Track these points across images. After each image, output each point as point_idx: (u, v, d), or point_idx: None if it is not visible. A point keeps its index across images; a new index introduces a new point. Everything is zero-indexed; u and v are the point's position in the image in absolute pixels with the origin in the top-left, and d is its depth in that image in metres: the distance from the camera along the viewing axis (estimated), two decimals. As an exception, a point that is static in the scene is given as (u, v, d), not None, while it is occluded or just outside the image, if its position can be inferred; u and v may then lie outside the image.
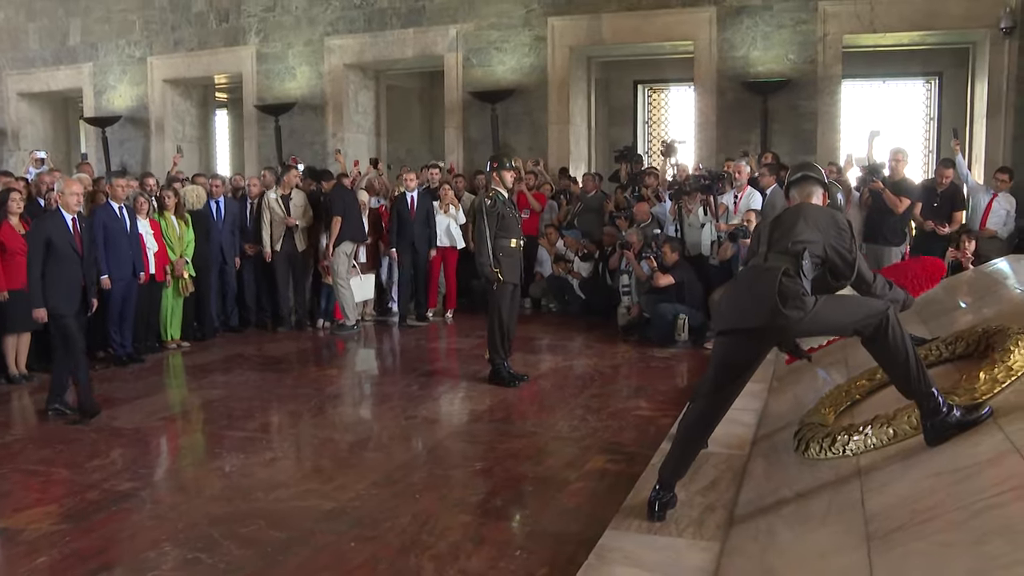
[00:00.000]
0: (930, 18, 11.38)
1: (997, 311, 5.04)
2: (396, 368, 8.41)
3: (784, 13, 11.91)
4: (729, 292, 3.85)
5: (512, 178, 7.31)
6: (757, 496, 3.84)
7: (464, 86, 13.47)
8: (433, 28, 13.59)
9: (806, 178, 4.18)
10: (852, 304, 3.59)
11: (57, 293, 6.12)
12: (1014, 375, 3.73)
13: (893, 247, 8.65)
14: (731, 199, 8.95)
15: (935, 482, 3.12)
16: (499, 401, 6.58)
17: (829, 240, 3.66)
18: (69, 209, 6.29)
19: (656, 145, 14.75)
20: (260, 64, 14.68)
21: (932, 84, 13.78)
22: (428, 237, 9.94)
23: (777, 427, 4.77)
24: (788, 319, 3.44)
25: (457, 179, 11.49)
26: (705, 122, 12.31)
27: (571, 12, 12.82)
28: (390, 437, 5.75)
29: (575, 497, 4.52)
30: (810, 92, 11.86)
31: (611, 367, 7.83)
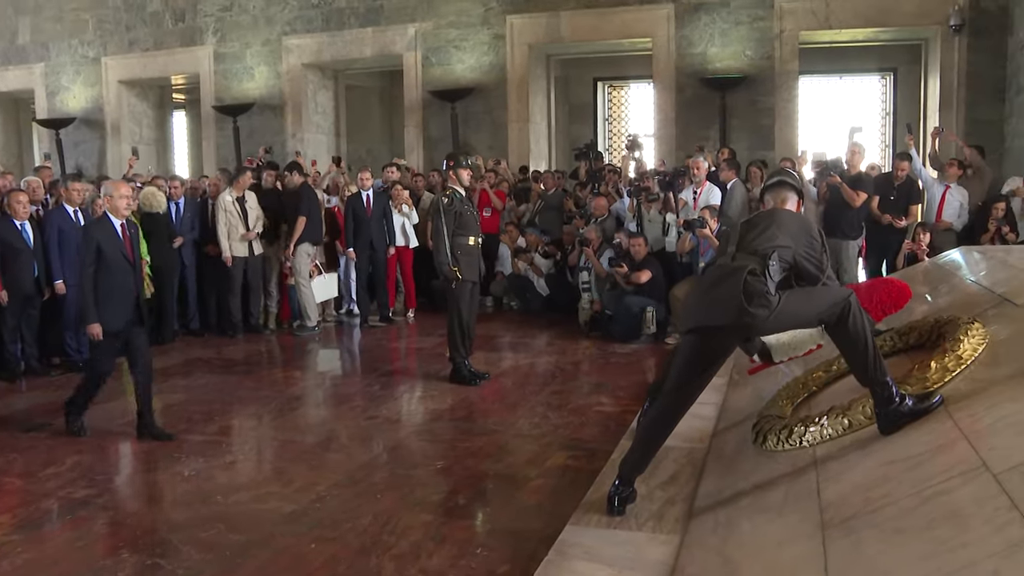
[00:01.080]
0: (883, 15, 11.57)
1: (950, 302, 5.13)
2: (357, 368, 8.38)
3: (741, 10, 12.04)
4: (694, 290, 3.88)
5: (469, 176, 7.31)
6: (716, 489, 3.87)
7: (423, 85, 13.48)
8: (392, 27, 13.57)
9: (782, 184, 4.21)
10: (816, 295, 3.63)
11: (108, 306, 5.55)
12: (963, 364, 3.80)
13: (851, 241, 8.76)
14: (690, 194, 9.01)
15: (888, 470, 3.18)
16: (460, 400, 6.57)
17: (800, 248, 3.68)
18: (118, 214, 5.68)
19: (617, 142, 14.84)
20: (218, 64, 14.57)
21: (887, 80, 14.02)
22: (385, 236, 9.89)
23: (736, 420, 4.82)
24: (754, 317, 3.48)
25: (416, 178, 11.47)
26: (664, 118, 12.42)
27: (530, 10, 12.87)
28: (351, 437, 5.72)
29: (536, 494, 4.53)
30: (768, 88, 12.01)
31: (572, 364, 7.86)
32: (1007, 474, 2.63)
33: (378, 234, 9.80)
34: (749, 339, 4.12)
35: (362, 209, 9.71)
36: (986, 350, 3.88)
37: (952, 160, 9.63)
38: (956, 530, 2.50)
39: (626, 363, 7.81)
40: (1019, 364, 3.51)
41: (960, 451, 3.00)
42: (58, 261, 7.68)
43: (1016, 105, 10.89)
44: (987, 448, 2.90)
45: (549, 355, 8.19)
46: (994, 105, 11.24)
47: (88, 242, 5.58)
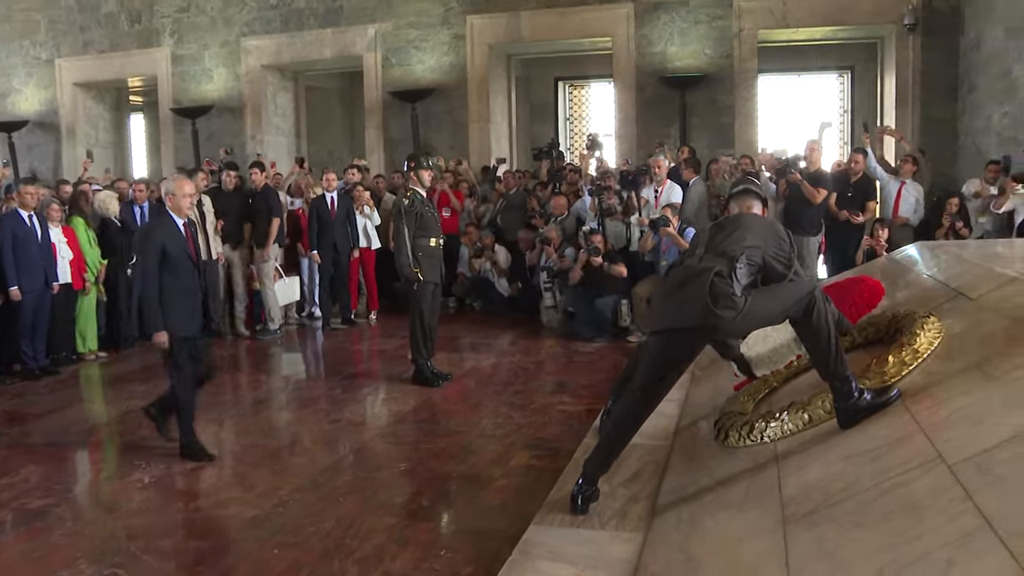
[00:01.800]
0: (840, 13, 11.71)
1: (907, 296, 5.19)
2: (320, 371, 8.33)
3: (700, 9, 12.12)
4: (661, 292, 3.89)
5: (430, 177, 7.29)
6: (679, 485, 3.89)
7: (384, 86, 13.43)
8: (351, 28, 13.50)
9: (747, 191, 4.29)
10: (781, 294, 3.65)
11: (175, 310, 5.24)
12: (920, 357, 3.86)
13: (811, 237, 8.82)
14: (651, 193, 9.06)
15: (847, 464, 3.22)
16: (423, 401, 6.56)
17: (769, 248, 3.70)
18: (181, 213, 5.40)
19: (578, 141, 14.87)
20: (175, 66, 14.40)
21: (845, 78, 14.20)
22: (349, 238, 9.85)
23: (698, 417, 4.85)
24: (720, 319, 3.49)
25: (377, 179, 11.43)
26: (625, 117, 12.47)
27: (490, 10, 12.86)
28: (314, 441, 5.69)
29: (500, 494, 4.54)
30: (727, 86, 12.10)
31: (535, 363, 7.88)
32: (961, 465, 2.67)
33: (341, 236, 9.76)
34: (727, 345, 4.21)
35: (326, 211, 9.67)
36: (941, 344, 3.94)
37: (907, 156, 9.77)
38: (913, 521, 2.53)
39: (589, 362, 7.83)
40: (973, 357, 3.56)
41: (917, 444, 3.04)
42: (12, 267, 7.54)
43: (968, 103, 11.07)
44: (943, 440, 2.94)
45: (512, 355, 8.20)
46: (948, 103, 11.42)
47: (151, 243, 5.20)
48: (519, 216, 10.70)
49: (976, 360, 3.51)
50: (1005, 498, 2.38)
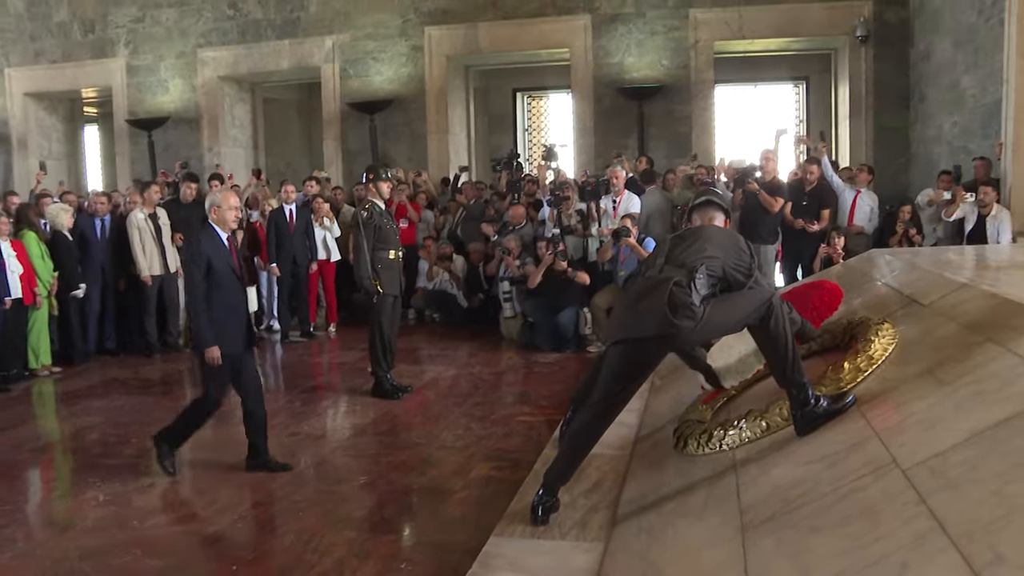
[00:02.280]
0: (794, 25, 11.90)
1: (862, 303, 5.27)
2: (279, 385, 8.23)
3: (657, 20, 12.24)
4: (621, 302, 3.91)
5: (388, 189, 7.27)
6: (639, 495, 3.90)
7: (342, 97, 13.41)
8: (309, 39, 13.46)
9: (709, 203, 4.35)
10: (740, 302, 3.68)
11: (221, 328, 5.06)
12: (875, 363, 3.92)
13: (768, 245, 8.93)
14: (609, 203, 9.10)
15: (805, 470, 3.25)
16: (383, 413, 6.53)
17: (728, 260, 3.72)
18: (225, 226, 5.21)
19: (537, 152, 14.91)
20: (130, 77, 14.25)
21: (800, 88, 14.41)
22: (308, 251, 9.80)
23: (658, 426, 4.87)
24: (679, 328, 3.50)
25: (336, 191, 11.37)
26: (583, 128, 12.55)
27: (448, 21, 12.88)
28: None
29: (460, 506, 4.53)
30: (684, 97, 12.22)
31: (495, 374, 7.88)
32: (915, 469, 2.71)
33: (300, 249, 9.70)
34: (694, 357, 4.24)
35: (285, 223, 9.61)
36: (896, 350, 4.00)
37: (863, 166, 9.95)
38: (869, 525, 2.57)
39: (548, 373, 7.85)
40: (926, 363, 3.62)
41: (872, 449, 3.08)
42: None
43: (920, 112, 11.30)
44: (897, 445, 2.98)
45: (472, 366, 8.19)
46: (900, 113, 11.65)
47: (198, 257, 5.05)
48: (479, 227, 10.71)
49: (929, 365, 3.57)
50: (956, 500, 2.42)
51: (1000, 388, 2.97)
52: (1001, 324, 3.53)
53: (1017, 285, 4.56)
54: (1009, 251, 7.20)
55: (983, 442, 2.65)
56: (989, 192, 7.91)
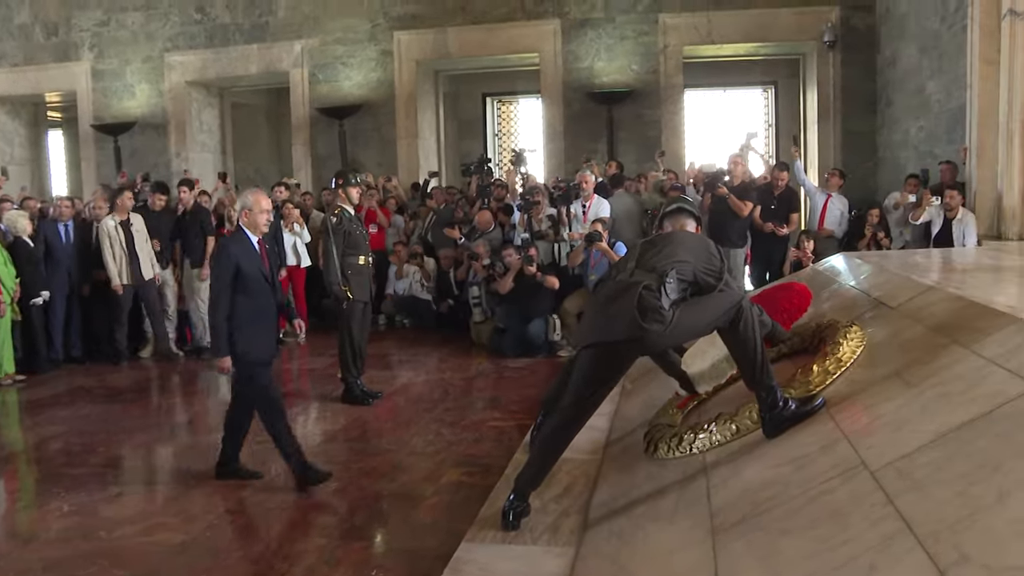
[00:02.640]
0: (763, 30, 12.01)
1: (831, 306, 5.32)
2: (248, 392, 8.18)
3: (626, 25, 12.31)
4: (591, 306, 3.92)
5: (358, 194, 7.25)
6: (610, 499, 3.91)
7: (311, 102, 13.36)
8: (277, 44, 13.40)
9: (680, 210, 4.44)
10: (710, 305, 3.69)
11: (250, 335, 4.90)
12: (843, 366, 3.95)
13: (738, 249, 9.00)
14: (579, 208, 9.13)
15: (774, 473, 3.27)
16: (353, 420, 6.51)
17: (699, 264, 3.74)
18: (256, 230, 5.08)
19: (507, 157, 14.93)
20: (96, 81, 14.10)
21: (769, 92, 14.51)
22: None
23: (628, 430, 4.88)
24: (648, 332, 3.52)
25: (305, 196, 11.33)
26: (553, 132, 12.59)
27: (417, 26, 12.88)
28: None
29: (431, 512, 4.53)
30: (654, 101, 12.30)
31: (465, 380, 7.88)
32: (883, 471, 2.74)
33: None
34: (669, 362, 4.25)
35: (256, 229, 9.54)
36: (864, 352, 4.04)
37: (834, 170, 10.06)
38: (838, 528, 2.59)
39: (519, 377, 7.85)
40: (893, 365, 3.66)
41: (841, 451, 3.11)
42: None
43: (886, 117, 11.44)
44: (865, 447, 3.01)
45: (442, 372, 8.18)
46: (867, 117, 11.79)
47: (226, 260, 4.92)
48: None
49: (897, 368, 3.60)
50: (923, 501, 2.45)
51: (965, 390, 3.01)
52: (966, 326, 3.58)
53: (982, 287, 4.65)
54: (974, 254, 7.29)
55: (948, 443, 2.69)
56: (955, 196, 8.02)
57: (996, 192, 7.98)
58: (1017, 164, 7.72)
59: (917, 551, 2.22)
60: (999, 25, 7.75)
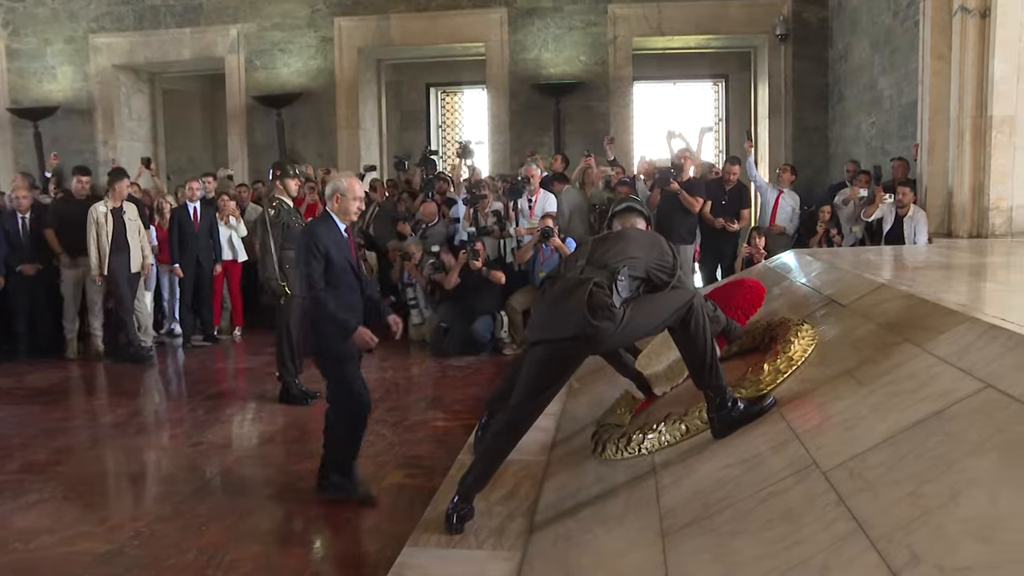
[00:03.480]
0: (714, 22, 12.14)
1: (782, 303, 5.39)
2: (180, 392, 8.06)
3: (575, 15, 12.34)
4: (540, 303, 3.91)
5: (297, 186, 7.19)
6: (557, 501, 3.92)
7: (247, 90, 13.21)
8: (212, 28, 13.21)
9: (630, 209, 4.49)
10: (661, 304, 3.72)
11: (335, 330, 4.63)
12: (794, 365, 4.00)
13: (687, 245, 9.04)
14: (525, 202, 9.14)
15: (725, 474, 3.30)
16: (291, 420, 6.45)
17: (651, 261, 3.79)
18: (347, 217, 4.80)
19: (451, 149, 14.90)
20: (11, 62, 13.73)
21: (719, 86, 14.65)
22: (212, 250, 9.61)
23: (575, 430, 4.90)
24: (598, 330, 3.53)
25: (241, 188, 11.18)
26: (499, 124, 12.59)
27: (358, 12, 12.79)
28: (174, 467, 5.51)
29: (372, 516, 4.50)
30: (602, 94, 12.35)
31: (406, 379, 7.89)
32: (835, 471, 2.78)
33: (204, 248, 9.52)
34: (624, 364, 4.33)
35: (188, 222, 9.43)
36: (815, 350, 4.09)
37: (786, 165, 10.19)
38: (790, 528, 2.62)
39: (462, 376, 7.85)
40: (845, 363, 3.71)
41: (792, 451, 3.15)
42: None
43: (838, 112, 11.63)
44: (817, 447, 3.05)
45: (383, 371, 8.14)
46: (819, 112, 11.99)
47: (316, 245, 4.60)
48: (392, 225, 10.64)
49: (848, 366, 3.66)
50: (875, 501, 2.49)
51: (916, 388, 3.06)
52: (918, 324, 3.64)
53: (933, 285, 4.73)
54: (925, 251, 7.45)
55: (900, 443, 2.73)
56: (907, 193, 8.19)
57: (947, 189, 8.19)
58: (968, 161, 7.93)
59: (870, 552, 2.26)
60: (951, 21, 7.93)
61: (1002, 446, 2.39)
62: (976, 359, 3.00)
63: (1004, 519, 2.11)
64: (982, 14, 7.73)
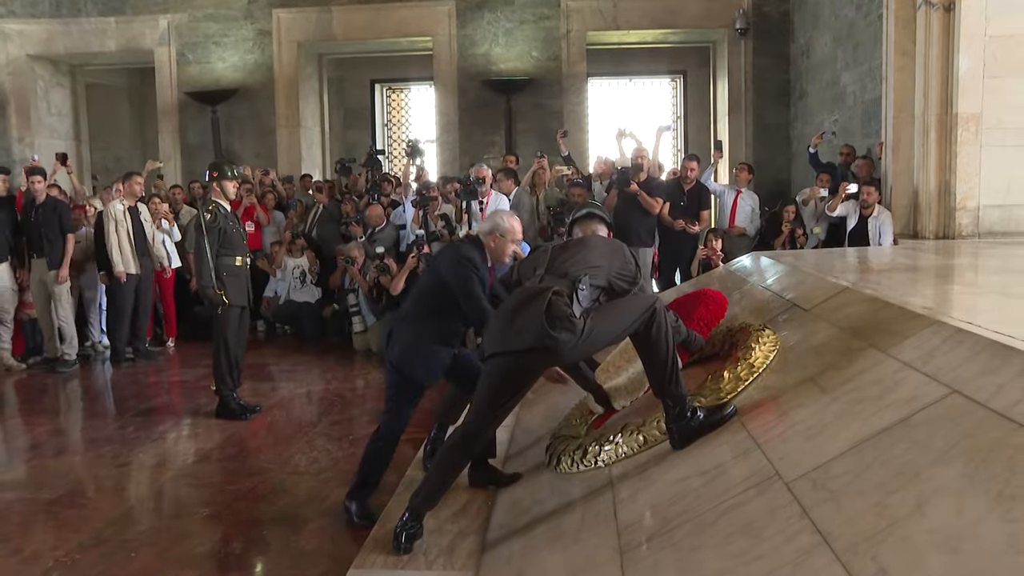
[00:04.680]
0: (671, 16, 12.25)
1: (742, 308, 5.43)
2: (107, 408, 7.91)
3: (526, 8, 12.39)
4: (497, 313, 3.89)
5: (234, 188, 7.13)
6: (510, 518, 3.92)
7: (179, 85, 13.08)
8: (139, 18, 13.06)
9: (591, 215, 4.55)
10: (622, 312, 3.71)
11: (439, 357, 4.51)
12: (756, 372, 4.02)
13: (646, 248, 9.05)
14: (476, 205, 9.13)
15: (684, 486, 3.31)
16: (228, 437, 6.39)
17: (614, 269, 3.81)
18: (499, 257, 4.58)
19: (398, 149, 14.87)
20: (-94, 48, 13.34)
21: (677, 82, 14.79)
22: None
23: (529, 442, 4.91)
24: (557, 341, 3.51)
25: (174, 190, 11.05)
26: (447, 123, 12.60)
27: (298, 4, 12.76)
28: (99, 489, 5.41)
29: (315, 537, 4.46)
30: (555, 90, 12.41)
31: (351, 391, 7.84)
32: (798, 482, 2.80)
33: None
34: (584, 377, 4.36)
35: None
36: (777, 357, 4.12)
37: (743, 164, 10.28)
38: (752, 542, 2.64)
39: (413, 388, 7.79)
40: (808, 370, 3.74)
41: (754, 461, 3.17)
42: None
43: (800, 109, 11.78)
44: (779, 457, 3.08)
45: (327, 383, 8.11)
46: (780, 109, 12.13)
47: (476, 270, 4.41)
48: (335, 228, 10.60)
49: (811, 373, 3.69)
50: (838, 513, 2.51)
51: (881, 395, 3.10)
52: (883, 329, 3.68)
53: (898, 288, 4.79)
54: (890, 253, 7.53)
55: (865, 451, 2.76)
56: (872, 192, 8.26)
57: (912, 188, 8.31)
58: (933, 159, 8.04)
59: (834, 565, 2.28)
60: (915, 15, 8.06)
61: (968, 453, 2.41)
62: (942, 364, 3.03)
63: (971, 528, 2.13)
64: (946, 8, 7.84)
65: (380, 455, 4.58)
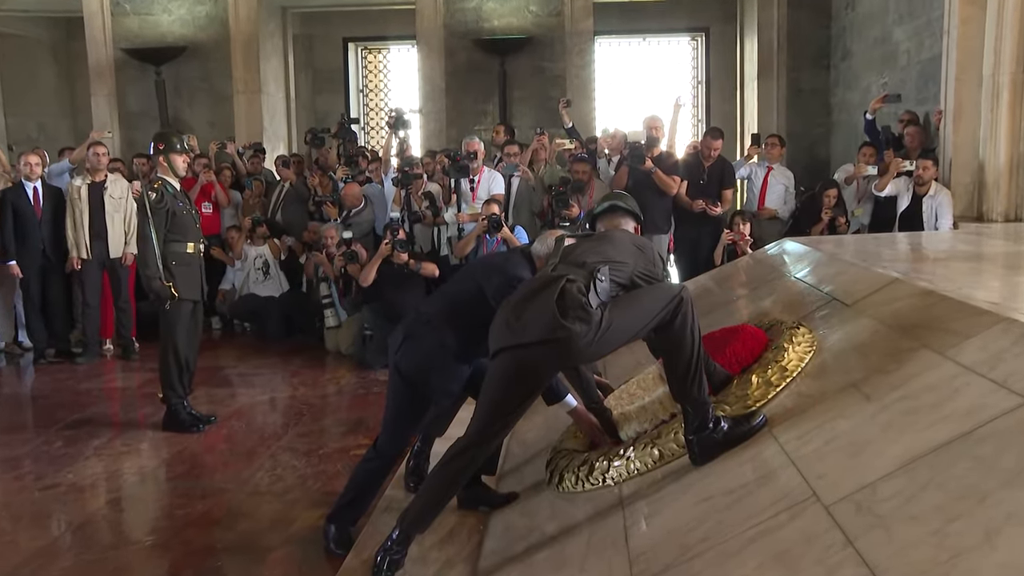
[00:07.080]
0: (691, -39, 12.15)
1: (773, 303, 5.43)
2: (27, 421, 7.81)
3: (523, -45, 12.33)
4: (504, 304, 3.86)
5: (184, 163, 7.11)
6: (505, 544, 3.92)
7: (115, 41, 12.96)
8: (61, -43, 12.91)
9: (615, 208, 4.51)
10: (645, 300, 3.68)
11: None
12: (789, 376, 4.01)
13: (662, 235, 9.07)
14: (466, 183, 9.11)
15: (706, 508, 3.30)
16: (177, 452, 6.39)
17: (638, 269, 3.78)
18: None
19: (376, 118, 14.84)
20: None
21: (698, 41, 14.73)
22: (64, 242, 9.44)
23: (527, 457, 4.92)
24: (570, 332, 3.45)
25: (115, 164, 11.02)
26: (433, 89, 12.55)
27: (259, -52, 12.65)
28: (16, 518, 5.34)
29: (280, 566, 4.48)
30: (557, 52, 12.37)
31: (321, 398, 7.85)
32: (839, 505, 2.78)
33: (53, 240, 9.33)
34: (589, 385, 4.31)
35: (28, 206, 9.21)
36: (813, 359, 4.12)
37: (773, 136, 10.15)
38: (785, 574, 2.62)
39: (388, 394, 7.80)
40: (850, 375, 3.73)
41: (787, 480, 3.15)
42: None
43: (842, 72, 11.70)
44: (816, 476, 3.06)
45: (293, 388, 8.14)
46: (819, 72, 12.05)
47: None
48: (303, 209, 10.58)
49: (854, 378, 3.67)
50: (889, 543, 2.48)
51: (937, 404, 3.08)
52: (938, 327, 3.67)
53: (958, 280, 4.76)
54: (949, 239, 7.49)
55: (918, 470, 2.74)
56: (928, 167, 8.12)
57: (977, 163, 8.17)
58: (1004, 128, 7.88)
59: (884, 604, 2.28)
60: (986, -45, 7.91)
61: (1045, 473, 2.39)
62: (1012, 368, 3.01)
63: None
64: (1027, -55, 7.62)
65: (373, 476, 4.58)
